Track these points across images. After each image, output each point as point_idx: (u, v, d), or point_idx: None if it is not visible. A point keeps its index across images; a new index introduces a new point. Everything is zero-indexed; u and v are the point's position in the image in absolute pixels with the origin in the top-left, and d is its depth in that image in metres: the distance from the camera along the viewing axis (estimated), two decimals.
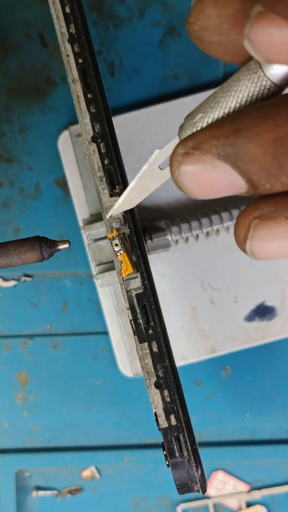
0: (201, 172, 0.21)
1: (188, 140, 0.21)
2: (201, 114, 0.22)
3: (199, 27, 0.21)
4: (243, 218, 0.22)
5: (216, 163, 0.21)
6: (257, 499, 0.54)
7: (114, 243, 0.32)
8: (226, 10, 0.21)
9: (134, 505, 0.55)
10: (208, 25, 0.21)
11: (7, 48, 0.52)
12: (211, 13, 0.21)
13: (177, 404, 0.32)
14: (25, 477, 0.54)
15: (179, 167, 0.21)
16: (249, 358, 0.53)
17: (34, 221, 0.53)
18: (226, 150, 0.20)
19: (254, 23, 0.19)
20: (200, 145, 0.21)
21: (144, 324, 0.33)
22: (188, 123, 0.22)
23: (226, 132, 0.20)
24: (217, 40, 0.22)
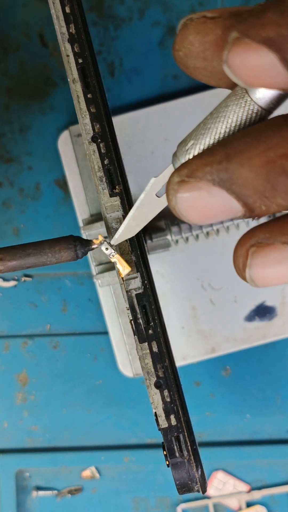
0: (198, 199, 0.21)
1: (182, 168, 0.22)
2: (192, 141, 0.22)
3: (183, 54, 0.22)
4: (240, 247, 0.23)
5: (211, 189, 0.21)
6: (257, 499, 0.54)
7: (104, 248, 0.33)
8: (209, 37, 0.22)
9: (134, 505, 0.55)
10: (192, 52, 0.22)
11: (7, 48, 0.52)
12: (194, 40, 0.22)
13: (177, 404, 0.32)
14: (25, 477, 0.54)
15: (175, 195, 0.22)
16: (249, 358, 0.53)
17: (34, 221, 0.53)
18: (220, 176, 0.21)
19: (231, 48, 0.20)
20: (194, 172, 0.21)
21: (144, 324, 0.33)
22: (181, 151, 0.23)
23: (219, 158, 0.21)
24: (201, 65, 0.22)
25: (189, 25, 0.22)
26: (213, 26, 0.22)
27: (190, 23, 0.22)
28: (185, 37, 0.22)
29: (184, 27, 0.22)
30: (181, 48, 0.22)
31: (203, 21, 0.22)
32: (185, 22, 0.22)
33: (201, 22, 0.22)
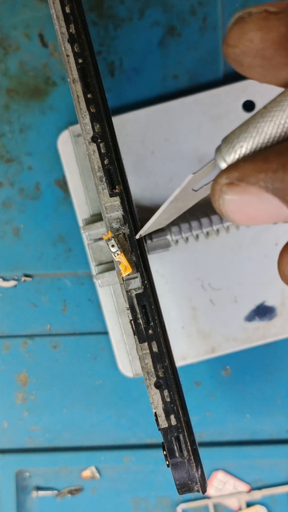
0: (247, 203, 0.21)
1: (232, 171, 0.21)
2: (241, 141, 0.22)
3: (240, 51, 0.21)
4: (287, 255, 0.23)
5: (264, 195, 0.21)
6: (257, 499, 0.54)
7: (110, 244, 0.33)
8: (271, 35, 0.20)
9: (134, 505, 0.55)
10: (251, 49, 0.21)
11: (7, 48, 0.52)
12: (254, 37, 0.21)
13: (177, 404, 0.32)
14: (25, 477, 0.54)
15: (223, 196, 0.21)
16: (249, 358, 0.53)
17: (34, 221, 0.53)
18: (275, 185, 0.20)
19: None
20: (246, 177, 0.21)
21: (144, 324, 0.33)
22: (227, 148, 0.22)
23: (274, 166, 0.20)
24: (259, 64, 0.21)
25: (249, 20, 0.20)
26: (276, 22, 0.20)
27: (249, 18, 0.20)
28: (243, 33, 0.21)
29: (241, 21, 0.21)
30: (237, 44, 0.21)
31: (265, 17, 0.20)
32: (242, 16, 0.21)
33: (262, 18, 0.20)
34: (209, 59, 0.52)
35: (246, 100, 0.50)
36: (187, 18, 0.51)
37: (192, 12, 0.51)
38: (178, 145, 0.50)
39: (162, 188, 0.51)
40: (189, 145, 0.50)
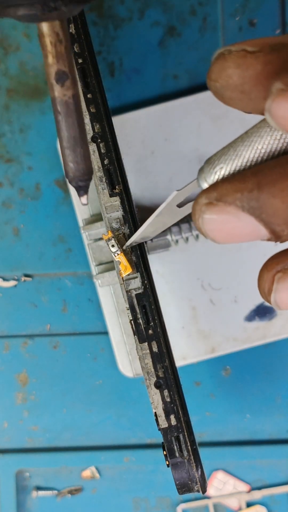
0: (225, 222, 0.22)
1: (211, 191, 0.22)
2: (221, 164, 0.23)
3: (220, 85, 0.22)
4: (267, 272, 0.24)
5: (240, 214, 0.22)
6: (257, 499, 0.54)
7: (110, 244, 0.33)
8: (248, 72, 0.22)
9: (134, 505, 0.55)
10: (230, 84, 0.22)
11: (7, 48, 0.52)
12: (233, 73, 0.22)
13: (177, 404, 0.32)
14: (25, 477, 0.54)
15: (202, 216, 0.22)
16: (249, 358, 0.53)
17: (34, 221, 0.53)
18: (250, 204, 0.21)
19: (275, 99, 0.20)
20: (224, 197, 0.22)
21: (144, 324, 0.33)
22: (208, 170, 0.23)
23: (250, 186, 0.21)
24: (238, 97, 0.22)
25: (228, 58, 0.22)
26: (253, 61, 0.21)
27: (228, 56, 0.22)
28: (223, 69, 0.22)
29: (222, 58, 0.22)
30: (218, 80, 0.22)
31: (243, 55, 0.22)
32: (223, 52, 0.22)
33: (240, 56, 0.22)
34: (209, 59, 0.52)
35: None
36: (187, 18, 0.51)
37: (192, 12, 0.51)
38: (178, 145, 0.50)
39: (162, 188, 0.51)
40: (189, 145, 0.50)
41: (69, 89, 0.28)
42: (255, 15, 0.52)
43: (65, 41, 0.27)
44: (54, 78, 0.27)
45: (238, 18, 0.52)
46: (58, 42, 0.27)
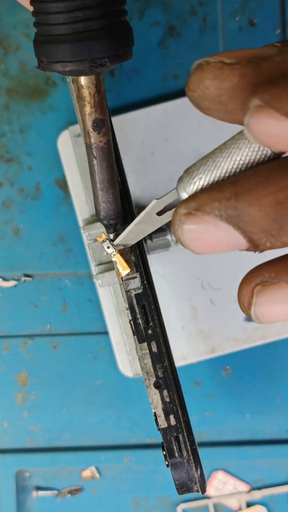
0: (204, 232, 0.22)
1: (190, 201, 0.22)
2: (200, 175, 0.23)
3: (198, 95, 0.22)
4: (246, 286, 0.24)
5: (218, 223, 0.22)
6: (257, 499, 0.54)
7: (106, 246, 0.33)
8: (225, 84, 0.22)
9: (134, 505, 0.55)
10: (207, 95, 0.22)
11: (7, 48, 0.52)
12: (210, 84, 0.22)
13: (177, 404, 0.32)
14: (25, 477, 0.54)
15: (181, 226, 0.22)
16: (249, 358, 0.53)
17: (34, 221, 0.53)
18: (228, 213, 0.21)
19: (253, 115, 0.20)
20: (202, 206, 0.22)
21: (144, 324, 0.33)
22: (187, 180, 0.23)
23: (227, 195, 0.21)
24: (215, 108, 0.22)
25: (206, 69, 0.22)
26: (230, 73, 0.22)
27: (206, 67, 0.22)
28: (200, 80, 0.22)
29: (200, 69, 0.22)
30: (195, 90, 0.22)
31: (220, 67, 0.22)
32: (201, 63, 0.22)
33: (218, 67, 0.22)
34: None
35: None
36: (187, 18, 0.51)
37: (192, 12, 0.51)
38: (178, 145, 0.50)
39: (162, 188, 0.51)
40: (189, 145, 0.50)
41: (105, 135, 0.30)
42: (255, 15, 0.52)
43: (102, 92, 0.29)
44: (92, 126, 0.29)
45: (238, 18, 0.52)
46: (96, 93, 0.29)
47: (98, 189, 0.31)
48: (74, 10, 0.27)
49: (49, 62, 0.28)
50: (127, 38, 0.29)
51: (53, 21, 0.27)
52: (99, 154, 0.30)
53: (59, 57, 0.27)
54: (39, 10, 0.28)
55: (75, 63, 0.27)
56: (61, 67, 0.28)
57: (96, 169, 0.31)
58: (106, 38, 0.27)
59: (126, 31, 0.29)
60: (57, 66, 0.28)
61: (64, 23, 0.27)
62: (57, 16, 0.27)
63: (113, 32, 0.28)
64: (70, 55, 0.27)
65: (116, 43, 0.28)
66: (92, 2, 0.27)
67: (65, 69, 0.28)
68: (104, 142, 0.30)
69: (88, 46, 0.27)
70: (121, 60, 0.29)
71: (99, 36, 0.27)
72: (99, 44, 0.27)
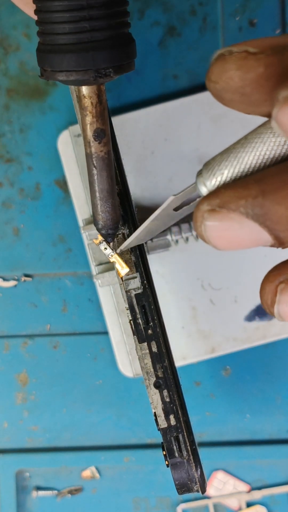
0: (228, 229, 0.22)
1: (213, 198, 0.22)
2: (221, 170, 0.22)
3: (221, 87, 0.22)
4: (269, 283, 0.24)
5: (244, 221, 0.21)
6: (257, 499, 0.54)
7: (103, 247, 0.33)
8: (250, 74, 0.21)
9: (134, 505, 0.55)
10: (231, 86, 0.21)
11: (7, 48, 0.52)
12: (234, 75, 0.21)
13: (177, 404, 0.32)
14: (25, 477, 0.54)
15: (204, 222, 0.22)
16: (249, 358, 0.53)
17: (34, 221, 0.53)
18: (255, 211, 0.21)
19: (282, 107, 0.19)
20: (226, 203, 0.22)
21: (144, 324, 0.33)
22: (208, 174, 0.23)
23: (254, 193, 0.21)
24: (238, 99, 0.22)
25: (229, 59, 0.21)
26: (255, 63, 0.21)
27: (229, 57, 0.21)
28: (223, 70, 0.21)
29: (222, 59, 0.21)
30: (218, 81, 0.22)
31: (244, 56, 0.21)
32: (223, 53, 0.22)
33: (242, 58, 0.21)
34: (209, 59, 0.51)
35: None
36: (187, 18, 0.51)
37: (192, 12, 0.51)
38: (178, 145, 0.50)
39: (162, 188, 0.51)
40: (189, 145, 0.50)
41: (105, 145, 0.30)
42: (255, 15, 0.52)
43: (104, 102, 0.29)
44: (93, 136, 0.29)
45: (238, 18, 0.52)
46: (98, 103, 0.29)
47: (97, 198, 0.31)
48: (80, 20, 0.27)
49: (53, 71, 0.28)
50: (131, 49, 0.29)
51: (58, 31, 0.27)
52: (99, 164, 0.30)
53: (63, 67, 0.28)
54: (44, 19, 0.28)
55: (79, 72, 0.28)
56: (65, 76, 0.28)
57: (95, 178, 0.31)
58: (111, 49, 0.28)
59: (129, 43, 0.29)
60: (61, 75, 0.28)
61: (70, 33, 0.27)
62: (63, 26, 0.27)
63: (118, 43, 0.28)
64: (75, 65, 0.27)
65: (120, 54, 0.28)
66: (98, 13, 0.27)
67: (69, 78, 0.28)
68: (104, 152, 0.30)
69: (93, 56, 0.27)
70: (124, 71, 0.29)
71: (104, 47, 0.27)
72: (104, 55, 0.27)
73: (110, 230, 0.32)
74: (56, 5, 0.27)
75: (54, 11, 0.27)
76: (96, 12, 0.27)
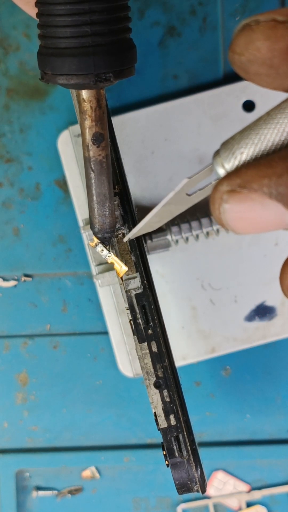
0: (249, 211, 0.20)
1: (233, 177, 0.21)
2: (242, 148, 0.21)
3: (246, 59, 0.21)
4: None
5: (267, 202, 0.20)
6: (257, 499, 0.54)
7: (99, 249, 0.33)
8: (279, 44, 0.20)
9: (134, 505, 0.55)
10: (258, 58, 0.20)
11: (7, 48, 0.52)
12: (262, 46, 0.20)
13: (177, 404, 0.32)
14: (25, 477, 0.54)
15: (223, 204, 0.21)
16: (249, 358, 0.53)
17: (34, 221, 0.53)
18: (279, 190, 0.20)
19: None
20: (248, 183, 0.20)
21: (144, 324, 0.33)
22: (227, 154, 0.21)
23: (279, 171, 0.20)
24: (265, 72, 0.21)
25: (256, 29, 0.20)
26: (285, 32, 0.20)
27: (256, 26, 0.20)
28: (250, 41, 0.20)
29: (248, 29, 0.20)
30: (243, 53, 0.20)
31: (273, 26, 0.20)
32: (250, 23, 0.20)
33: (270, 27, 0.20)
34: (209, 59, 0.52)
35: (246, 100, 0.50)
36: (187, 18, 0.51)
37: (192, 12, 0.51)
38: (178, 145, 0.50)
39: (162, 188, 0.51)
40: (189, 145, 0.50)
41: (104, 149, 0.30)
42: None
43: (103, 106, 0.29)
44: (91, 140, 0.30)
45: (238, 18, 0.52)
46: (97, 107, 0.29)
47: (94, 202, 0.31)
48: (82, 25, 0.27)
49: (54, 75, 0.28)
50: (131, 55, 0.29)
51: (60, 35, 0.27)
52: (97, 167, 0.30)
53: (64, 70, 0.28)
54: (46, 23, 0.28)
55: (80, 76, 0.28)
56: (66, 80, 0.28)
57: (93, 182, 0.31)
58: (112, 54, 0.28)
59: (130, 48, 0.29)
60: (61, 78, 0.28)
61: (71, 37, 0.27)
62: (65, 29, 0.27)
63: (119, 48, 0.28)
64: (76, 69, 0.27)
65: (121, 59, 0.28)
66: (100, 18, 0.27)
67: (70, 82, 0.28)
68: (102, 156, 0.30)
69: (94, 60, 0.27)
70: (125, 76, 0.29)
71: (105, 52, 0.28)
72: (105, 59, 0.28)
73: (107, 234, 0.32)
74: (59, 9, 0.27)
75: (57, 15, 0.27)
76: (98, 17, 0.27)
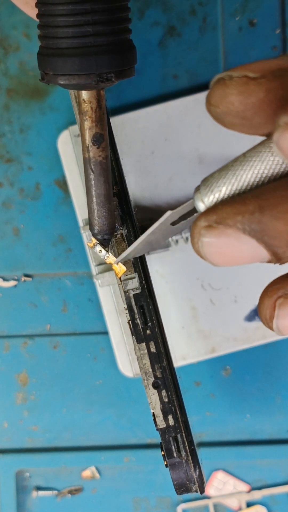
0: (225, 245, 0.22)
1: (210, 214, 0.22)
2: (219, 187, 0.22)
3: (221, 111, 0.22)
4: (268, 298, 0.23)
5: (241, 237, 0.21)
6: (257, 499, 0.54)
7: (98, 250, 0.33)
8: (251, 99, 0.21)
9: (134, 505, 0.55)
10: (232, 111, 0.22)
11: (7, 48, 0.52)
12: (235, 100, 0.21)
13: (175, 405, 0.32)
14: (25, 477, 0.54)
15: (201, 239, 0.22)
16: (249, 358, 0.53)
17: (34, 221, 0.53)
18: (252, 226, 0.21)
19: (283, 132, 0.20)
20: (224, 219, 0.21)
21: (142, 324, 0.33)
22: (206, 191, 0.23)
23: (251, 208, 0.21)
24: (239, 123, 0.22)
25: (229, 84, 0.21)
26: (255, 88, 0.21)
27: (229, 82, 0.21)
28: (224, 95, 0.21)
29: (222, 83, 0.21)
30: (219, 105, 0.22)
31: (245, 82, 0.21)
32: (223, 77, 0.22)
33: (243, 82, 0.21)
34: (209, 59, 0.52)
35: None
36: (187, 18, 0.51)
37: (192, 12, 0.51)
38: (178, 145, 0.50)
39: (162, 188, 0.51)
40: (189, 145, 0.50)
41: (104, 150, 0.30)
42: (255, 15, 0.52)
43: (103, 107, 0.29)
44: (91, 140, 0.30)
45: (238, 18, 0.51)
46: (97, 108, 0.29)
47: (94, 203, 0.31)
48: (83, 25, 0.27)
49: (55, 75, 0.28)
50: (132, 55, 0.29)
51: (61, 35, 0.27)
52: (97, 168, 0.30)
53: (66, 70, 0.28)
54: (48, 23, 0.28)
55: (82, 76, 0.28)
56: (68, 80, 0.28)
57: (93, 183, 0.31)
58: (114, 54, 0.28)
59: (131, 49, 0.29)
60: (63, 79, 0.28)
61: (73, 37, 0.27)
62: (66, 30, 0.27)
63: (120, 48, 0.28)
64: (78, 69, 0.27)
65: (123, 60, 0.28)
66: (101, 18, 0.27)
67: (71, 82, 0.28)
68: (102, 157, 0.30)
69: (96, 60, 0.27)
70: (125, 76, 0.29)
71: (107, 52, 0.27)
72: (107, 59, 0.28)
73: (106, 235, 0.32)
74: (61, 9, 0.27)
75: (58, 15, 0.27)
76: (100, 17, 0.27)
